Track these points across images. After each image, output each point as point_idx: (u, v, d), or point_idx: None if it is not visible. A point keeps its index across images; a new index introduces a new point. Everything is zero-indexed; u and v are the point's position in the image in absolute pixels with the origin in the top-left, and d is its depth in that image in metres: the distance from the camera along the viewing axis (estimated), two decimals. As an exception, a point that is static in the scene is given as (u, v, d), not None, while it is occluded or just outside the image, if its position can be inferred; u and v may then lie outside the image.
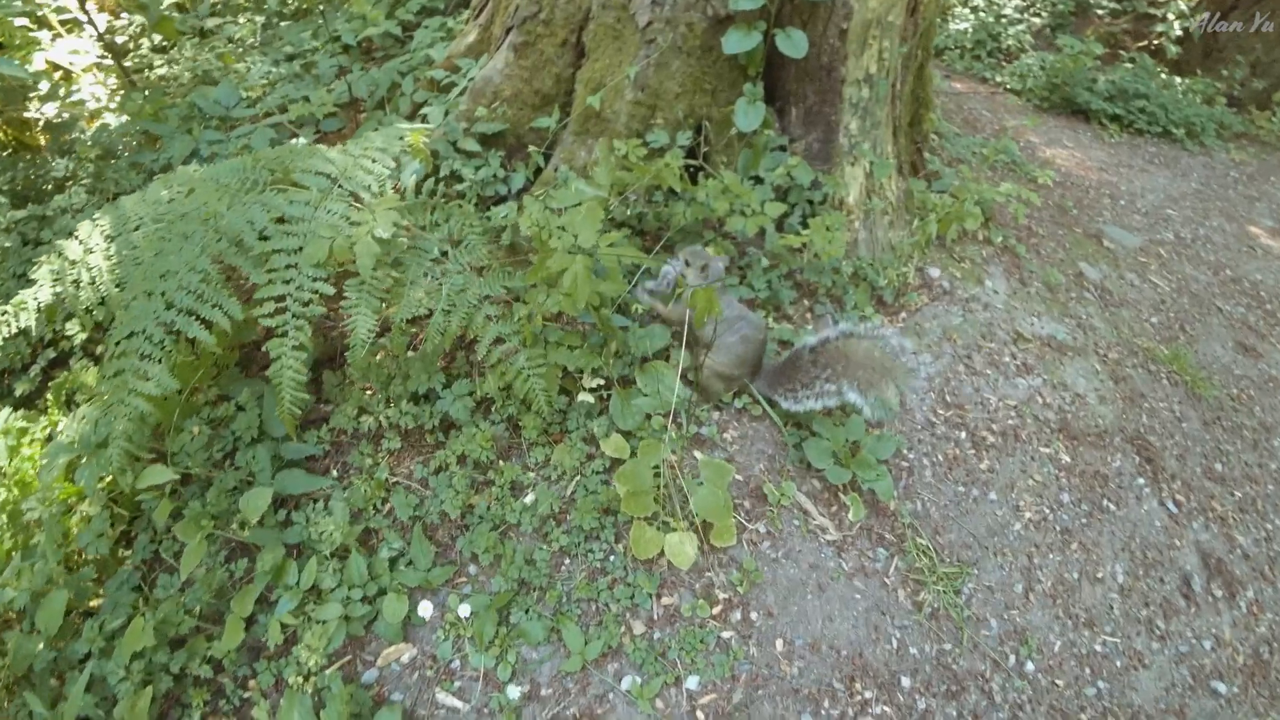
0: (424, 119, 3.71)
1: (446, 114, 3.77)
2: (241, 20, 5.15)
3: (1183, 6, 8.19)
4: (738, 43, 3.23)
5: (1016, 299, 3.98)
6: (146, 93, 4.32)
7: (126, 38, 5.10)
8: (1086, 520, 3.29)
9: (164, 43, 5.03)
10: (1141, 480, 3.56)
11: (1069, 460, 3.43)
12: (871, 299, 3.52)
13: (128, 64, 4.82)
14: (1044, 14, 8.36)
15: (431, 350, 2.89)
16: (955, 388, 3.42)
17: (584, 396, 2.87)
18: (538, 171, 3.59)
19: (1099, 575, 3.18)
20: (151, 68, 4.81)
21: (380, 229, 2.57)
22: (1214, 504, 3.67)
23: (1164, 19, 8.15)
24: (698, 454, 2.92)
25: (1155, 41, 8.11)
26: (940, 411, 3.32)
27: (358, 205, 2.80)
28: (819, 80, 3.42)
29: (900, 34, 3.51)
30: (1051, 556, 3.13)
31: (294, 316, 2.56)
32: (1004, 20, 8.04)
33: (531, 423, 2.85)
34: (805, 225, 3.28)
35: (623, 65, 3.39)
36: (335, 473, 2.99)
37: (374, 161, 2.88)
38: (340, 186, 2.80)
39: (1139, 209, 5.85)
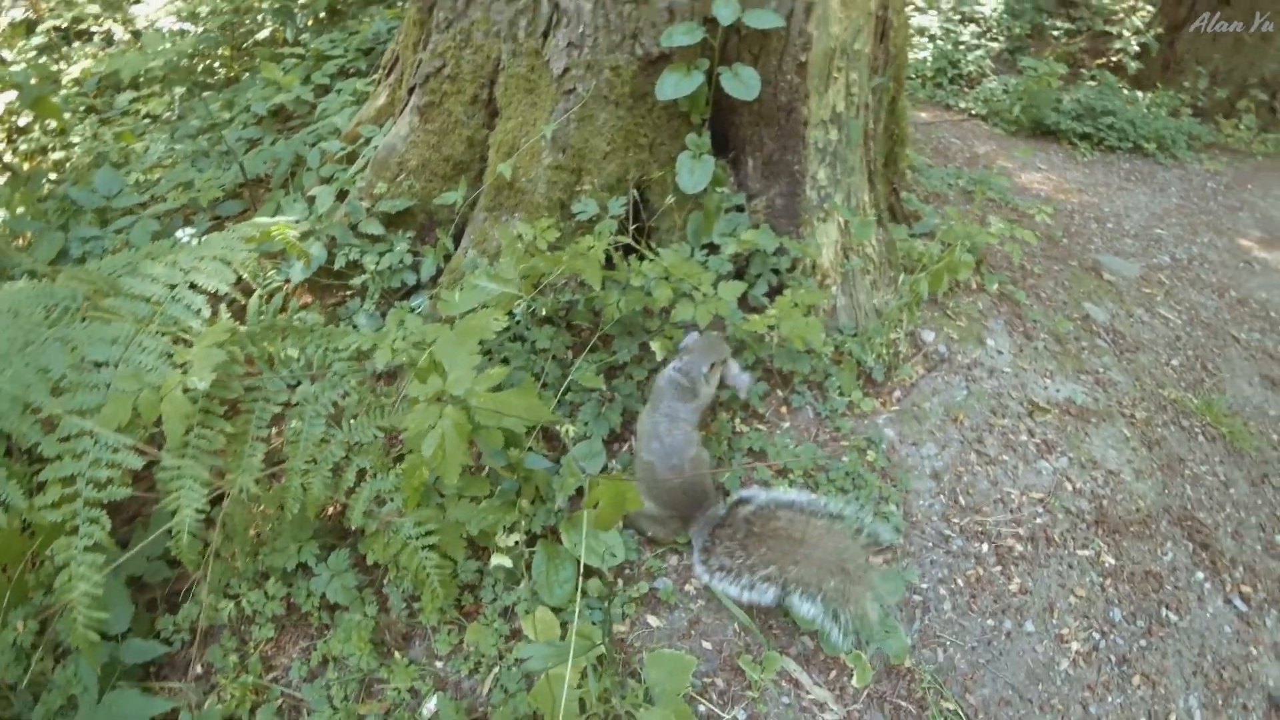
0: (311, 202, 2.84)
1: (344, 192, 2.91)
2: (155, 90, 4.30)
3: (1137, 23, 7.42)
4: (675, 86, 2.38)
5: (1024, 358, 3.10)
6: (27, 182, 3.46)
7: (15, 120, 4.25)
8: (1146, 642, 2.40)
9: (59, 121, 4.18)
10: (1201, 574, 2.67)
11: (1113, 562, 2.54)
12: (859, 380, 2.64)
13: (23, 147, 3.98)
14: (1001, 38, 7.56)
15: (292, 520, 2.00)
16: (969, 484, 2.53)
17: (498, 560, 1.98)
18: (448, 257, 2.72)
19: (1171, 717, 2.28)
20: (45, 152, 3.97)
21: (195, 377, 1.69)
22: (1283, 589, 2.78)
23: (1120, 36, 7.37)
24: (651, 620, 2.03)
25: (1114, 58, 7.32)
26: (955, 520, 2.43)
27: (185, 338, 1.93)
28: (778, 123, 2.56)
29: (870, 64, 2.66)
30: (1111, 700, 2.24)
31: (87, 505, 1.69)
32: (962, 47, 7.24)
33: (430, 603, 1.95)
34: (773, 298, 2.41)
35: (538, 123, 2.53)
36: (199, 669, 2.11)
37: (209, 276, 2.01)
38: (164, 312, 1.93)
39: (1128, 231, 5.00)
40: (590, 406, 2.24)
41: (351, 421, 2.00)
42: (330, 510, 2.30)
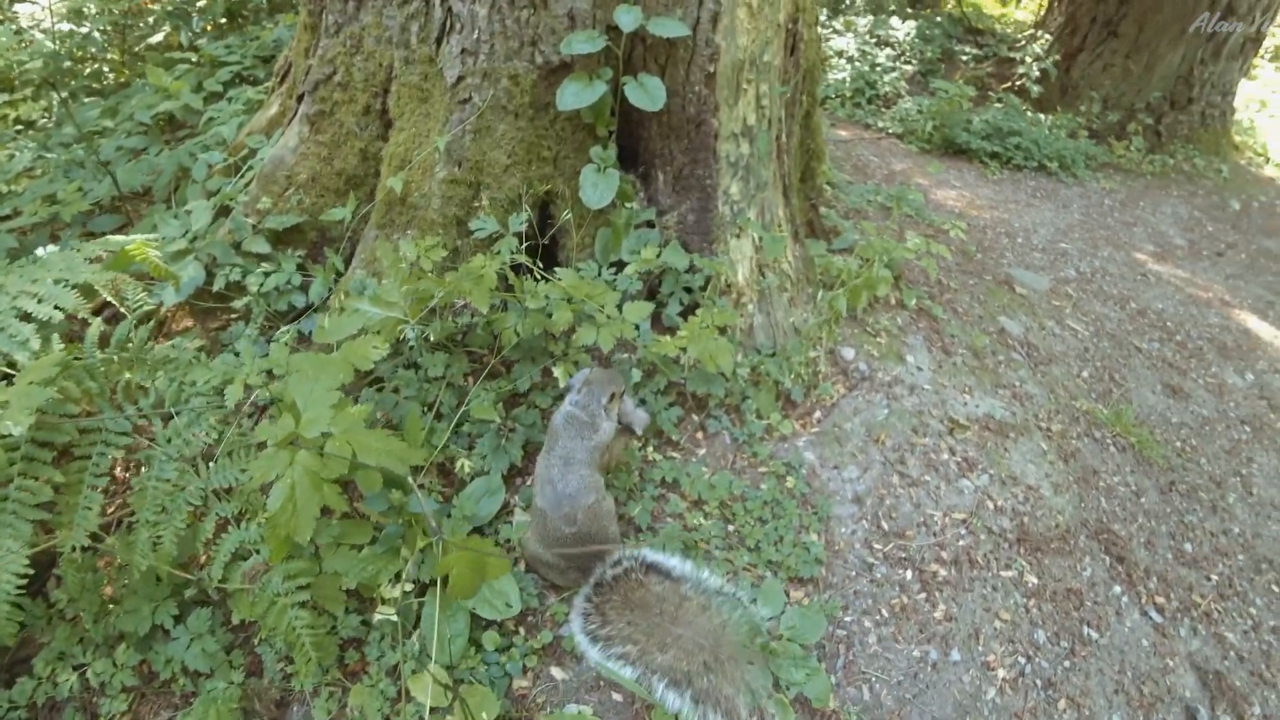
0: (187, 216, 2.54)
1: (227, 208, 2.61)
2: (26, 95, 3.86)
3: (1037, 50, 7.69)
4: (576, 96, 2.19)
5: (944, 374, 3.02)
6: None
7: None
8: (1070, 663, 2.31)
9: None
10: (1118, 588, 2.61)
11: (1036, 581, 2.46)
12: (778, 402, 2.50)
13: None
14: (914, 61, 7.71)
15: (142, 577, 1.71)
16: (892, 508, 2.41)
17: (384, 613, 1.73)
18: (340, 277, 2.46)
19: (1097, 738, 2.19)
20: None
21: (10, 421, 1.41)
22: (1195, 597, 2.76)
23: (1023, 61, 7.62)
24: (556, 672, 1.81)
25: (1018, 82, 7.55)
26: (877, 546, 2.30)
27: (10, 373, 1.63)
28: (687, 136, 2.41)
29: (780, 77, 2.54)
30: (1038, 726, 2.13)
31: None
32: (879, 69, 7.33)
33: (304, 667, 1.68)
34: (688, 317, 2.24)
35: (432, 134, 2.31)
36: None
37: (41, 301, 1.71)
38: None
39: (1036, 245, 5.07)
40: (488, 438, 2.02)
41: (211, 465, 1.73)
42: (199, 563, 2.00)
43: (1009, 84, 7.72)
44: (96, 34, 4.16)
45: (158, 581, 1.82)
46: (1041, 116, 7.16)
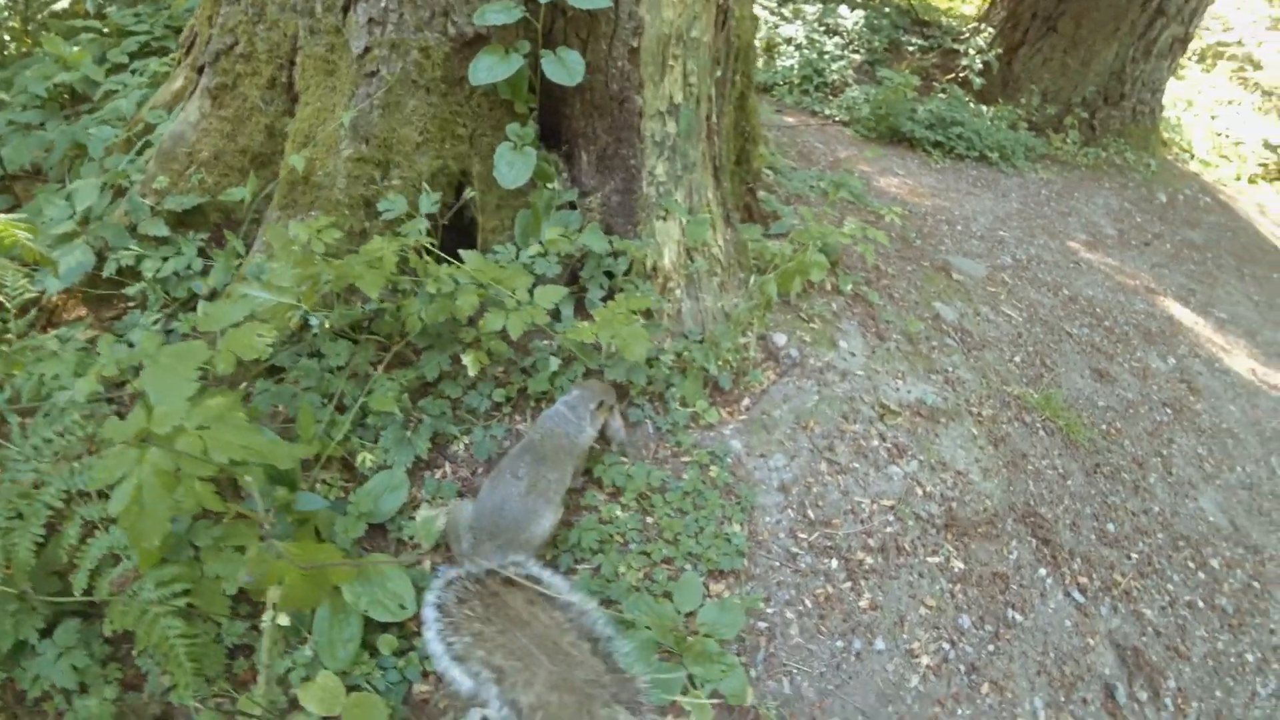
0: (70, 199, 2.32)
1: (114, 188, 2.41)
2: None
3: (980, 43, 7.74)
4: (489, 70, 2.05)
5: (877, 360, 2.98)
6: None
7: None
8: (994, 647, 2.29)
9: None
10: (1043, 570, 2.61)
11: (963, 566, 2.43)
12: (705, 390, 2.41)
13: None
14: (862, 50, 7.69)
15: (-9, 587, 1.54)
16: (819, 496, 2.35)
17: (272, 618, 1.59)
18: (242, 261, 2.28)
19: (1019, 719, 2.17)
20: None
21: None
22: (1116, 576, 2.78)
23: (966, 54, 7.66)
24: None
25: (962, 74, 7.59)
26: (802, 535, 2.23)
27: None
28: (611, 114, 2.29)
29: (711, 54, 2.43)
30: (961, 712, 2.10)
31: None
32: (827, 56, 7.28)
33: (181, 680, 1.54)
34: (608, 301, 2.12)
35: (337, 109, 2.15)
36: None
37: None
38: None
39: (975, 233, 5.09)
40: (392, 430, 1.88)
41: (75, 465, 1.56)
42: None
43: (953, 75, 7.76)
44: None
45: (21, 596, 1.65)
46: (984, 108, 7.20)
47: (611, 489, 1.99)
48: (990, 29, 7.93)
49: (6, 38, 3.91)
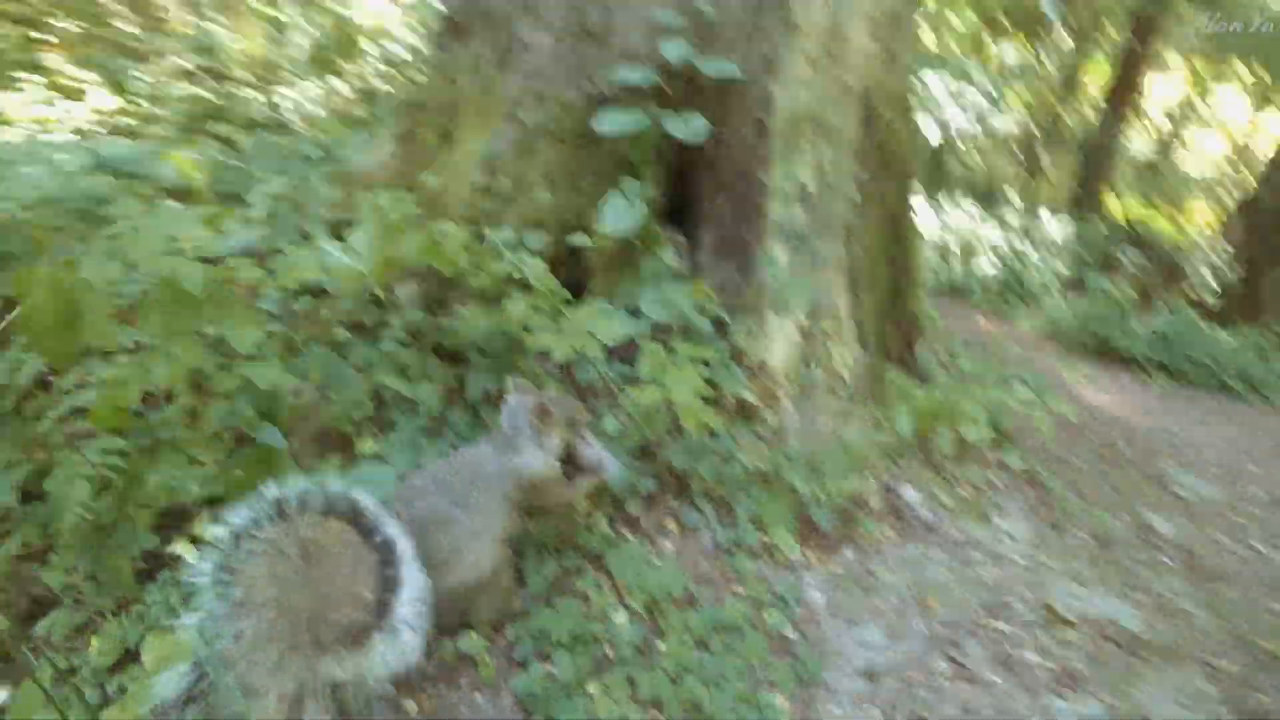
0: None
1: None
2: None
3: (1217, 260, 6.74)
4: (615, 121, 1.95)
5: (1048, 552, 2.18)
6: None
7: None
8: None
9: None
10: None
11: None
12: (795, 520, 1.83)
13: None
14: (1070, 264, 7.02)
15: None
16: (926, 704, 1.58)
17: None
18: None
19: None
20: None
21: None
22: None
23: (1196, 271, 6.69)
24: None
25: (1192, 294, 6.59)
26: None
27: None
28: (735, 190, 2.05)
29: (852, 150, 2.16)
30: None
31: None
32: (1030, 264, 6.72)
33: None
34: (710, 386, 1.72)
35: (478, 147, 2.14)
36: None
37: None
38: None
39: (1208, 460, 3.98)
40: (408, 427, 1.58)
41: None
42: None
43: (1180, 292, 6.76)
44: None
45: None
46: (1221, 331, 6.08)
47: (619, 580, 1.46)
48: (1228, 247, 6.90)
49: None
